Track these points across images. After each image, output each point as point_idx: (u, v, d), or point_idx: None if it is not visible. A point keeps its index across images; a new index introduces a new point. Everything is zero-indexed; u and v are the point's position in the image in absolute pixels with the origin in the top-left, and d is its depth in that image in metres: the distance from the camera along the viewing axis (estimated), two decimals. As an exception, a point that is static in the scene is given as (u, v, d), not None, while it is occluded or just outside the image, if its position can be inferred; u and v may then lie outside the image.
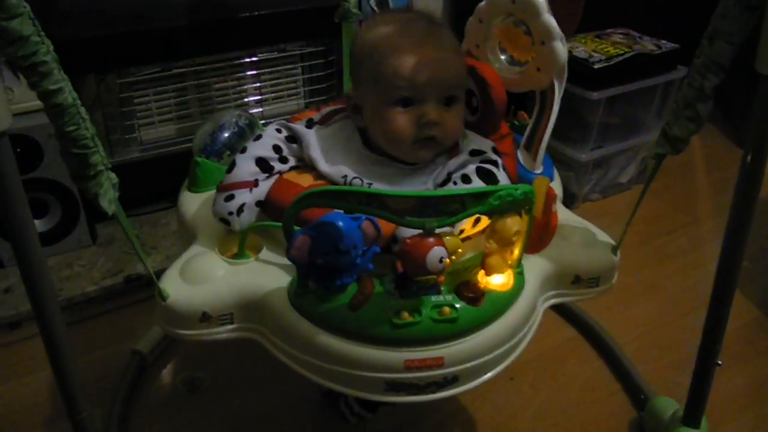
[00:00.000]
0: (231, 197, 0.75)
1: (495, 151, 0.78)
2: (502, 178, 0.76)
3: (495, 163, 0.76)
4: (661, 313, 1.30)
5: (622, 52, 1.53)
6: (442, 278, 0.63)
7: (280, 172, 0.80)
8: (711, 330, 0.86)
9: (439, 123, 0.75)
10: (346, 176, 0.77)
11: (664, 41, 1.60)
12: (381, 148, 0.79)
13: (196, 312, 0.69)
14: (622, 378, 1.13)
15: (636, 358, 1.15)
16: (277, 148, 0.80)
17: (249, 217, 0.75)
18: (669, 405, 0.99)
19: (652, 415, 1.01)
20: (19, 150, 1.22)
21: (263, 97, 1.54)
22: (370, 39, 0.77)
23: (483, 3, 0.90)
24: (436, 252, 0.59)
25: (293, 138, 0.82)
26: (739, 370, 1.15)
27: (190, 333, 0.70)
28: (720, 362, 0.88)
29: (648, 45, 1.58)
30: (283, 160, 0.80)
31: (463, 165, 0.76)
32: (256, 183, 0.77)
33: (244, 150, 0.79)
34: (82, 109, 0.58)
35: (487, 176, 0.74)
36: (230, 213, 0.74)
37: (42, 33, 0.53)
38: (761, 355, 1.20)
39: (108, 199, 0.62)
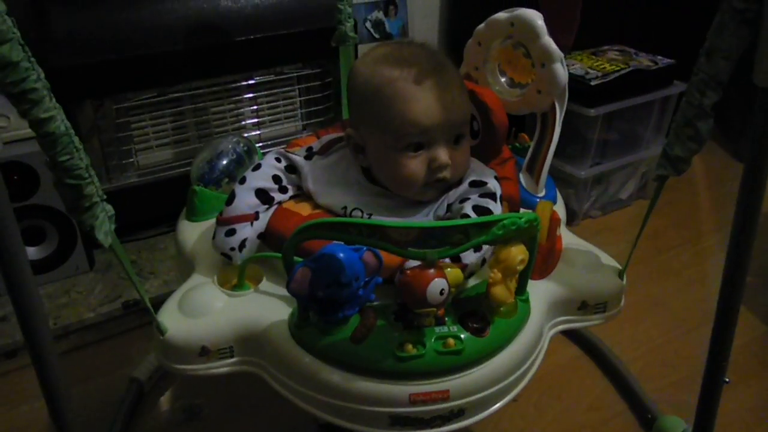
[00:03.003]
0: (232, 231, 0.74)
1: (497, 179, 0.77)
2: (498, 212, 0.74)
3: (493, 196, 0.75)
4: (666, 330, 1.29)
5: (619, 68, 1.53)
6: (442, 311, 0.61)
7: (280, 203, 0.79)
8: (717, 346, 0.85)
9: (449, 164, 0.74)
10: (345, 207, 0.76)
11: (660, 57, 1.61)
12: (383, 182, 0.78)
13: (195, 346, 0.67)
14: (629, 397, 1.12)
15: (642, 377, 1.14)
16: (276, 179, 0.79)
17: (251, 251, 0.74)
18: (677, 424, 0.98)
19: (659, 436, 0.99)
20: (15, 177, 1.21)
21: (260, 119, 1.53)
22: (372, 81, 0.74)
23: (482, 26, 0.90)
24: (437, 284, 0.57)
25: (292, 167, 0.81)
26: (746, 387, 1.14)
27: (189, 368, 0.68)
28: (727, 379, 0.87)
29: (644, 61, 1.58)
30: (283, 189, 0.80)
31: (462, 197, 0.75)
32: (256, 216, 0.76)
33: (243, 180, 0.78)
34: (76, 139, 0.57)
35: (483, 213, 0.72)
36: (232, 249, 0.74)
37: (32, 60, 0.52)
38: (769, 371, 1.19)
39: (104, 231, 0.61)
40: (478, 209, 0.72)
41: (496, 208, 0.74)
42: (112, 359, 1.20)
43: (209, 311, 0.69)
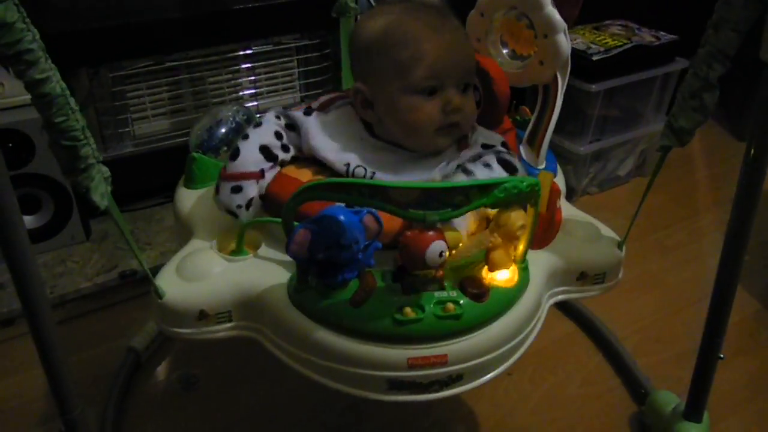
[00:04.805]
0: (238, 189, 0.73)
1: (504, 145, 0.77)
2: (520, 167, 0.75)
3: (510, 155, 0.75)
4: (660, 306, 1.29)
5: (621, 43, 1.52)
6: (441, 273, 0.61)
7: (282, 162, 0.78)
8: (713, 324, 0.86)
9: (462, 108, 0.74)
10: (348, 164, 0.76)
11: (662, 32, 1.59)
12: (388, 135, 0.78)
13: (193, 310, 0.67)
14: (622, 372, 1.12)
15: (636, 353, 1.15)
16: (278, 135, 0.78)
17: (255, 211, 0.74)
18: (670, 399, 0.99)
19: (652, 410, 1.00)
20: (10, 145, 1.20)
21: (258, 90, 1.52)
22: (379, 28, 0.75)
23: (484, -4, 0.89)
24: (436, 246, 0.57)
25: (292, 126, 0.80)
26: (739, 364, 1.15)
27: (187, 332, 0.68)
28: (722, 355, 0.88)
29: (646, 36, 1.57)
30: (285, 148, 0.79)
31: (477, 157, 0.75)
32: (262, 174, 0.75)
33: (246, 137, 0.77)
34: (72, 100, 0.56)
35: (507, 164, 0.74)
36: (239, 206, 0.73)
37: (28, 20, 0.52)
38: (762, 348, 1.20)
39: (100, 193, 0.60)
40: (501, 159, 0.73)
41: (518, 163, 0.75)
42: (109, 329, 1.20)
43: (208, 275, 0.69)
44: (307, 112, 0.80)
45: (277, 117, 0.80)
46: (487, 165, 0.73)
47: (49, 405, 1.04)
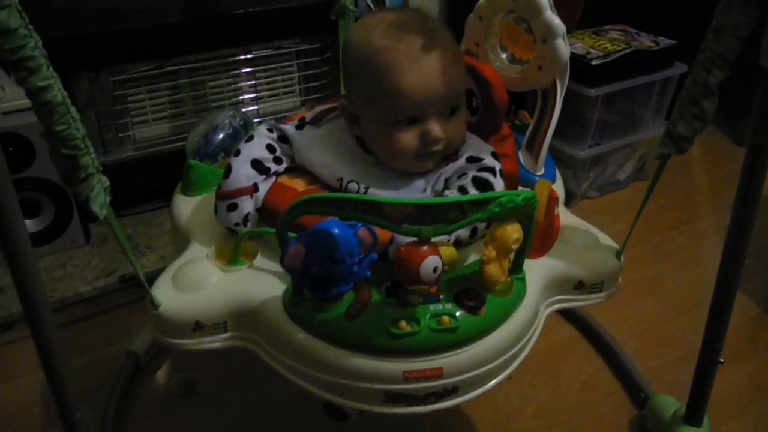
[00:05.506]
0: (234, 206, 0.73)
1: (494, 156, 0.76)
2: (499, 186, 0.73)
3: (492, 171, 0.74)
4: (660, 310, 1.29)
5: (620, 48, 1.51)
6: (434, 288, 0.61)
7: (276, 173, 0.78)
8: (713, 328, 0.86)
9: (442, 138, 0.73)
10: (341, 179, 0.75)
11: (661, 37, 1.59)
12: (377, 153, 0.77)
13: (189, 321, 0.67)
14: (622, 376, 1.12)
15: (636, 357, 1.15)
16: (270, 148, 0.78)
17: (254, 224, 0.74)
18: (670, 403, 0.99)
19: (652, 414, 1.00)
20: (11, 149, 1.20)
21: (258, 94, 1.52)
22: (365, 50, 0.73)
23: (483, 0, 0.89)
24: (431, 261, 0.57)
25: (285, 138, 0.80)
26: (739, 368, 1.14)
27: (183, 342, 0.68)
28: (722, 360, 0.87)
29: (645, 41, 1.57)
30: (278, 160, 0.79)
31: (460, 172, 0.74)
32: (255, 188, 0.75)
33: (237, 153, 0.77)
34: (73, 109, 0.56)
35: (484, 186, 0.72)
36: (236, 224, 0.73)
37: (30, 27, 0.52)
38: (762, 352, 1.20)
39: (99, 203, 0.61)
40: (477, 180, 0.72)
41: (497, 182, 0.73)
42: (109, 333, 1.20)
43: (203, 286, 0.69)
44: (299, 126, 0.80)
45: (270, 130, 0.80)
46: (463, 190, 0.72)
47: (48, 408, 1.04)
